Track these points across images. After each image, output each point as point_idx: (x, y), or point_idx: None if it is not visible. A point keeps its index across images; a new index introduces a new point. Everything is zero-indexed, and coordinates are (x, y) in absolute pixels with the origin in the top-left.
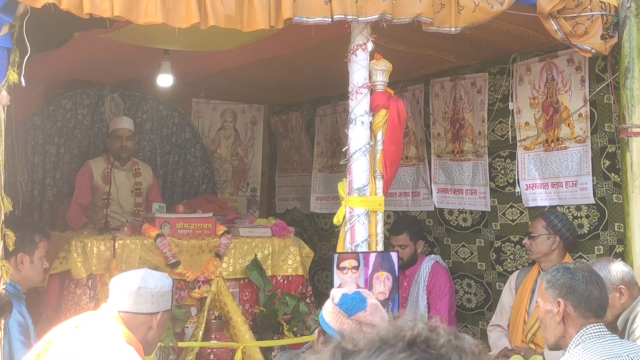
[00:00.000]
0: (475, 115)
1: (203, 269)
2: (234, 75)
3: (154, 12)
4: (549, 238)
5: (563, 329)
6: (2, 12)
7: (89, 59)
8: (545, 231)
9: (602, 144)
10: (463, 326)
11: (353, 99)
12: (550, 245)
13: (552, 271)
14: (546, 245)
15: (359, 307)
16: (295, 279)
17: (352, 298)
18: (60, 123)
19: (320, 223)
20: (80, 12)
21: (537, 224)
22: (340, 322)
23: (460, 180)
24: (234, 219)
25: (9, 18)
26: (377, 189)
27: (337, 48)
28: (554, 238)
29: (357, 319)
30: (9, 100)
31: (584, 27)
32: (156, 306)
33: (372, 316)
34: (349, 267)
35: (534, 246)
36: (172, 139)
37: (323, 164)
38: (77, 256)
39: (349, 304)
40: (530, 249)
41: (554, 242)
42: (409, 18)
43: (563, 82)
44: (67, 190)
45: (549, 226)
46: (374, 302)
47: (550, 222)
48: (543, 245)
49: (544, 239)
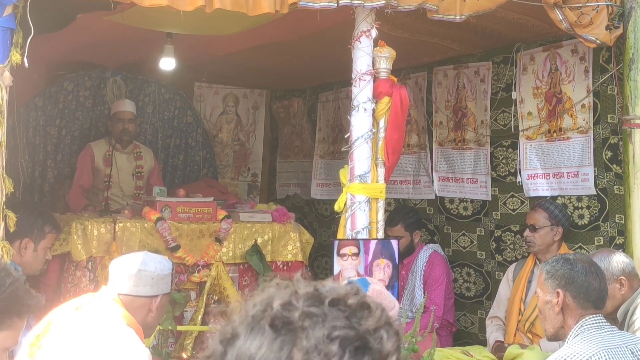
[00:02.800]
0: (478, 104)
1: (203, 253)
2: (237, 60)
3: None
4: (552, 229)
5: (562, 320)
6: None
7: (91, 41)
8: (548, 222)
9: (605, 135)
10: (462, 314)
11: (356, 86)
12: (553, 236)
13: (552, 262)
14: (549, 236)
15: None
16: (294, 265)
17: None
18: (61, 105)
19: (321, 209)
20: None
21: (537, 215)
22: None
23: (462, 168)
24: (235, 204)
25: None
26: (379, 176)
27: (340, 34)
28: (556, 229)
29: None
30: (12, 81)
31: (589, 18)
32: (156, 289)
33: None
34: (349, 254)
35: (537, 238)
36: (174, 123)
37: (324, 150)
38: (77, 238)
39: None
40: (532, 242)
41: (556, 232)
42: (414, 5)
43: (567, 72)
44: (68, 172)
45: (551, 217)
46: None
47: (551, 212)
48: (547, 237)
49: (547, 231)
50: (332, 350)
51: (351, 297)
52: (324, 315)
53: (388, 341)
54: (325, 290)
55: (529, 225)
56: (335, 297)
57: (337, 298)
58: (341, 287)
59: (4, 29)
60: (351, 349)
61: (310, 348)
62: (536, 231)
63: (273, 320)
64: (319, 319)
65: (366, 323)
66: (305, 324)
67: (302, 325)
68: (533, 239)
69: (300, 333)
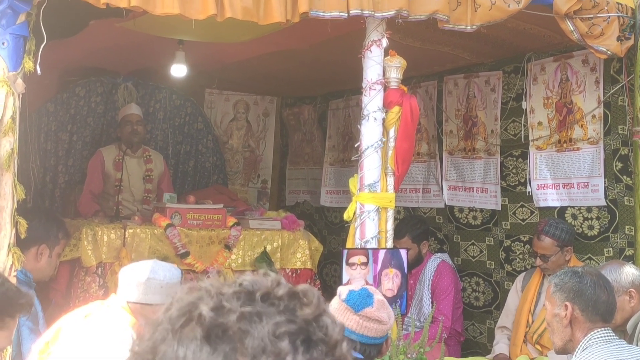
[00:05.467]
0: (488, 114)
1: (212, 260)
2: (248, 67)
3: (171, 3)
4: (563, 252)
5: (570, 333)
6: (19, 1)
7: (103, 47)
8: (557, 248)
9: (615, 146)
10: (470, 324)
11: (366, 95)
12: (565, 257)
13: (561, 275)
14: (562, 259)
15: (366, 303)
16: (303, 273)
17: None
18: (73, 110)
19: (330, 217)
20: (97, 2)
21: (544, 244)
22: (347, 318)
23: (472, 178)
24: (244, 211)
25: (26, 6)
26: (388, 185)
27: (351, 43)
28: (566, 250)
29: (364, 314)
30: (24, 88)
31: (600, 29)
32: (165, 297)
33: (378, 312)
34: (358, 263)
35: (551, 265)
36: (185, 129)
37: (334, 157)
38: (87, 244)
39: (356, 300)
40: (546, 269)
41: (567, 252)
42: (425, 15)
43: (577, 82)
44: (79, 177)
45: (558, 241)
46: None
47: (557, 237)
48: (560, 260)
49: (559, 256)
50: (283, 348)
51: (278, 288)
52: (258, 313)
53: (334, 328)
54: (249, 285)
55: (540, 255)
56: (265, 291)
57: (267, 292)
58: (262, 278)
59: (17, 37)
60: (299, 342)
61: (257, 351)
62: (548, 260)
63: (208, 331)
64: (257, 317)
65: (304, 313)
66: (244, 326)
67: (241, 328)
68: (547, 266)
69: (241, 337)
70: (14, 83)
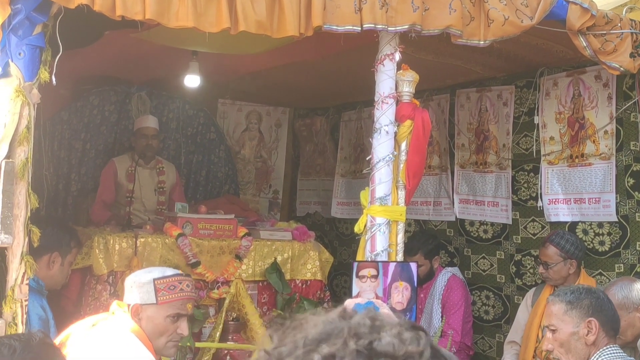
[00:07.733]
0: (500, 128)
1: (223, 270)
2: (261, 78)
3: (185, 17)
4: (566, 263)
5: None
6: (36, 12)
7: (118, 57)
8: (560, 258)
9: (627, 162)
10: (480, 337)
11: (378, 109)
12: (567, 269)
13: (568, 293)
14: (564, 270)
15: None
16: (313, 284)
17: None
18: (87, 119)
19: (341, 228)
20: (113, 14)
21: (548, 252)
22: None
23: (483, 191)
24: (255, 221)
25: (42, 18)
26: (399, 199)
27: (364, 55)
28: (570, 262)
29: None
30: (39, 98)
31: (613, 45)
32: (145, 295)
33: None
34: (368, 276)
35: (552, 274)
36: (197, 139)
37: (346, 169)
38: (99, 252)
39: None
40: (547, 277)
41: (570, 265)
42: (438, 30)
43: (590, 98)
44: (92, 186)
45: (562, 252)
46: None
47: (562, 247)
48: (562, 271)
49: (560, 266)
50: None
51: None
52: None
53: None
54: (379, 346)
55: (542, 262)
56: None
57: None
58: (398, 341)
59: (33, 47)
60: None
61: None
62: (550, 268)
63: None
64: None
65: None
66: None
67: None
68: (548, 274)
69: None
70: (30, 93)
